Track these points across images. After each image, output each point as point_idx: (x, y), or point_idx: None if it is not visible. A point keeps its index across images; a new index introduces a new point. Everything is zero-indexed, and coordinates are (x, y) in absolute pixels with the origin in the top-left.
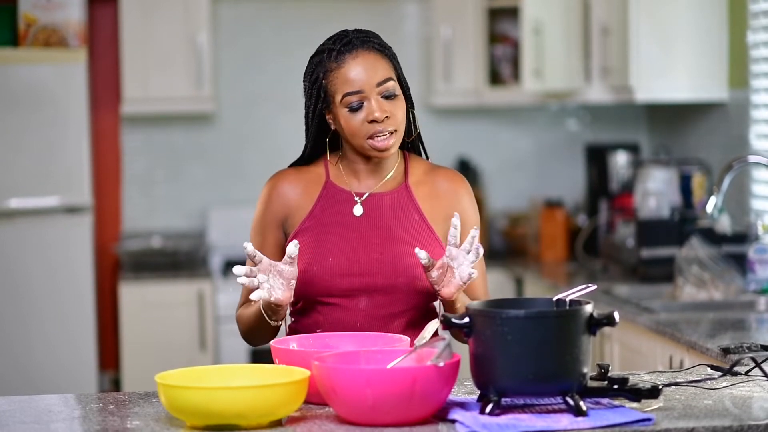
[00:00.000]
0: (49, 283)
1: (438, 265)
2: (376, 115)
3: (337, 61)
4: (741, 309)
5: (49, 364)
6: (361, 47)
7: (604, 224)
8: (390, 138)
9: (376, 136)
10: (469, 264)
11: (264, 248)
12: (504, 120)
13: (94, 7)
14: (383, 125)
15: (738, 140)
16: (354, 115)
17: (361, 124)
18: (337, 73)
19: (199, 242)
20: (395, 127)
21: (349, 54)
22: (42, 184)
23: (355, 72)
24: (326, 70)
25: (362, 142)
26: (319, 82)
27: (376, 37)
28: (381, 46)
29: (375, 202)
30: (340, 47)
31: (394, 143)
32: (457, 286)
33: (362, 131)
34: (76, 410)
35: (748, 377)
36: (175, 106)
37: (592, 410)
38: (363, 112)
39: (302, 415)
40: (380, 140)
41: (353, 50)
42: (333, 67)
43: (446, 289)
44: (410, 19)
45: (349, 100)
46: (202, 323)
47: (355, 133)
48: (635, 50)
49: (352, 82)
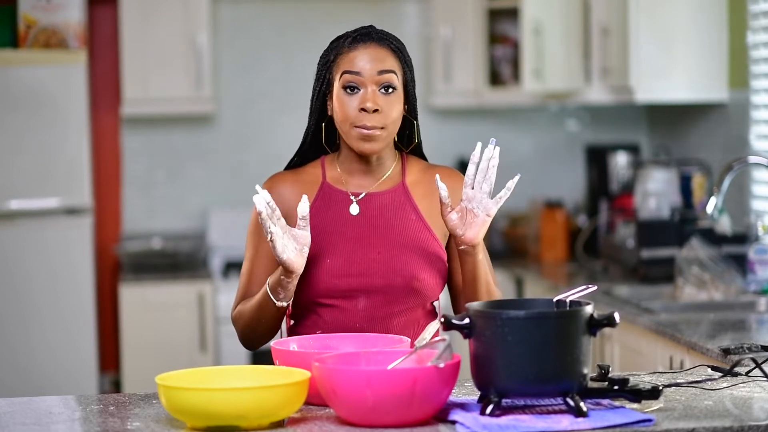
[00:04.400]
0: (49, 285)
1: (457, 209)
2: (368, 104)
3: (349, 46)
4: (741, 309)
5: (49, 365)
6: (377, 42)
7: (605, 225)
8: (377, 132)
9: (362, 128)
10: (487, 195)
11: (260, 250)
12: (504, 120)
13: (93, 9)
14: (372, 120)
15: (738, 141)
16: (348, 98)
17: (353, 110)
18: (346, 55)
19: (199, 243)
20: (384, 125)
21: (362, 43)
22: (42, 185)
23: (360, 57)
24: (338, 53)
25: (350, 130)
26: (329, 63)
27: (396, 41)
28: (397, 48)
29: (372, 202)
30: (356, 35)
31: (381, 139)
32: (482, 224)
33: (352, 117)
34: (77, 412)
35: (748, 378)
36: (175, 106)
37: (593, 411)
38: (357, 99)
39: (302, 416)
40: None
41: (368, 41)
42: (344, 50)
43: (469, 231)
44: (410, 20)
45: (347, 79)
46: (202, 324)
47: (345, 117)
48: (635, 51)
49: (354, 64)
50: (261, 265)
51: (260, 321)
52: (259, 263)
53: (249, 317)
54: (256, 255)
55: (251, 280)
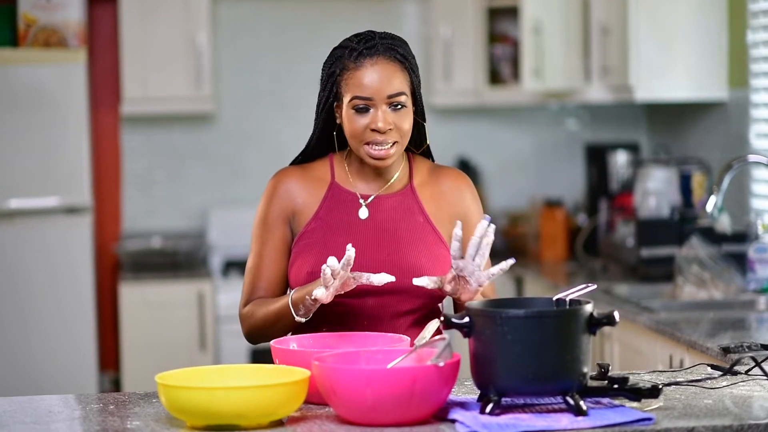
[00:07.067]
0: (49, 284)
1: (449, 279)
2: (379, 125)
3: (356, 62)
4: (741, 308)
5: (49, 364)
6: (383, 54)
7: (604, 224)
8: (390, 149)
9: (374, 144)
10: (479, 268)
11: (269, 244)
12: (504, 120)
13: (93, 8)
14: (384, 136)
15: (738, 139)
16: (358, 118)
17: (363, 129)
18: (353, 74)
19: (199, 242)
20: (397, 139)
21: (369, 58)
22: (42, 184)
23: (369, 78)
24: (343, 68)
25: (359, 146)
26: (335, 77)
27: (401, 46)
28: (403, 57)
29: (380, 205)
30: (362, 49)
31: (394, 153)
32: (474, 292)
33: (362, 136)
34: (77, 410)
35: (748, 376)
36: (175, 106)
37: (592, 410)
38: (368, 118)
39: (302, 415)
40: (377, 150)
41: (374, 56)
42: (350, 66)
43: (464, 296)
44: (410, 19)
45: (357, 104)
46: (202, 323)
47: (355, 135)
48: (635, 50)
49: (364, 88)
50: (268, 258)
51: (273, 327)
52: (267, 257)
53: (262, 321)
54: (263, 249)
55: (258, 274)
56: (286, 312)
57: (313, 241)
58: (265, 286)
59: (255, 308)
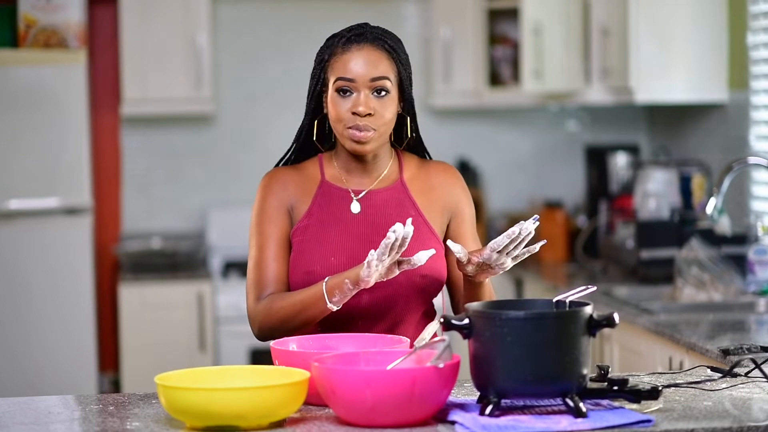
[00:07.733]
0: (48, 285)
1: (475, 262)
2: (360, 108)
3: (343, 47)
4: (741, 310)
5: (48, 365)
6: (371, 42)
7: (604, 225)
8: (369, 132)
9: (355, 130)
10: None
11: (273, 237)
12: (504, 121)
13: (93, 8)
14: (365, 121)
15: (738, 141)
16: (341, 101)
17: (345, 112)
18: (340, 57)
19: (198, 243)
20: (376, 127)
21: (356, 44)
22: (42, 185)
23: (354, 62)
24: (332, 53)
25: (342, 129)
26: (324, 63)
27: (391, 39)
28: (391, 48)
29: (372, 199)
30: (351, 36)
31: (373, 140)
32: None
33: (345, 119)
34: (76, 411)
35: (747, 378)
36: (175, 106)
37: (592, 411)
38: (350, 101)
39: (302, 416)
40: (359, 133)
41: (362, 42)
42: (338, 51)
43: (481, 276)
44: (410, 20)
45: (340, 85)
46: (201, 324)
47: (338, 118)
48: (635, 51)
49: (348, 70)
50: (274, 251)
51: (295, 319)
52: (272, 249)
53: (284, 313)
54: (267, 242)
55: (265, 268)
56: (315, 301)
57: (307, 238)
58: (274, 280)
59: (272, 302)
